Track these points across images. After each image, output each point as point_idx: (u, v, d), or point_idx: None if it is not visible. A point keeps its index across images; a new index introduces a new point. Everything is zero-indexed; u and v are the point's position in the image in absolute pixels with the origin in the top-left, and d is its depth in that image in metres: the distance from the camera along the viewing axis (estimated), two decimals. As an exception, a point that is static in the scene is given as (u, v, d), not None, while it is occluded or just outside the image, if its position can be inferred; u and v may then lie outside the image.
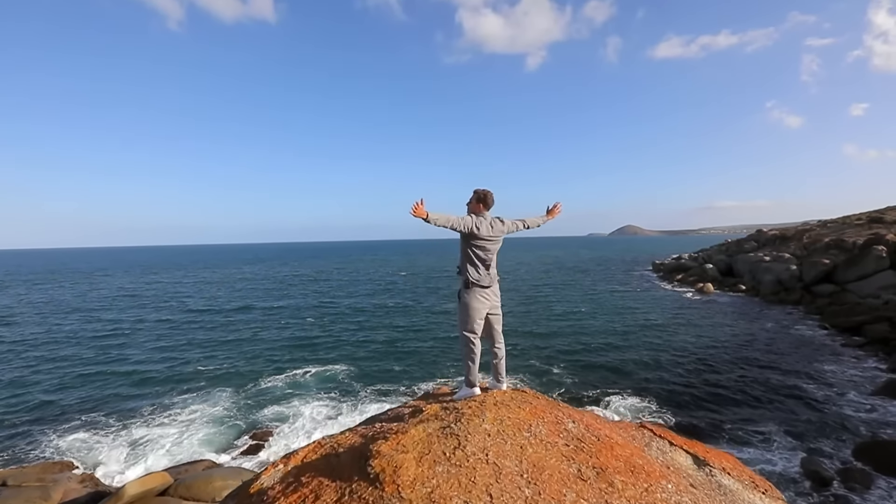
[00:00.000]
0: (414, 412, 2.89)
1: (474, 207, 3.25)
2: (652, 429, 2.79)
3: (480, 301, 3.22)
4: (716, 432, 8.89)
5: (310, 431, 8.94)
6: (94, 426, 9.38)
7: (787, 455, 8.01)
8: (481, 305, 3.23)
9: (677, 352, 14.43)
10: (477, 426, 2.35)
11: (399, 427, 2.45)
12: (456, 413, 2.57)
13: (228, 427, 9.29)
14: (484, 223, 3.13)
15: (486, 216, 3.21)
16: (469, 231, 3.07)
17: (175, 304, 27.28)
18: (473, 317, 3.22)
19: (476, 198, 3.26)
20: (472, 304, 3.21)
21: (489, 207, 3.26)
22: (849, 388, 10.82)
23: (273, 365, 13.80)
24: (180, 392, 11.44)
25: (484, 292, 3.24)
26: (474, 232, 3.07)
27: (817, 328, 16.97)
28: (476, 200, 3.26)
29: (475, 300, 3.21)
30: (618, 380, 11.89)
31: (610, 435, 2.45)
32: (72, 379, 12.71)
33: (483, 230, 3.11)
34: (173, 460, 7.79)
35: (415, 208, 2.78)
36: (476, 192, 3.27)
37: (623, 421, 3.09)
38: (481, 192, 3.24)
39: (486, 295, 3.25)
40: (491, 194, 3.26)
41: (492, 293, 3.29)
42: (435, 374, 12.30)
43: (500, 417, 2.50)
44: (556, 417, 2.58)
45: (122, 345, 16.66)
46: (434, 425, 2.39)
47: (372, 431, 2.53)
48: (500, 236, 3.27)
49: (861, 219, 30.62)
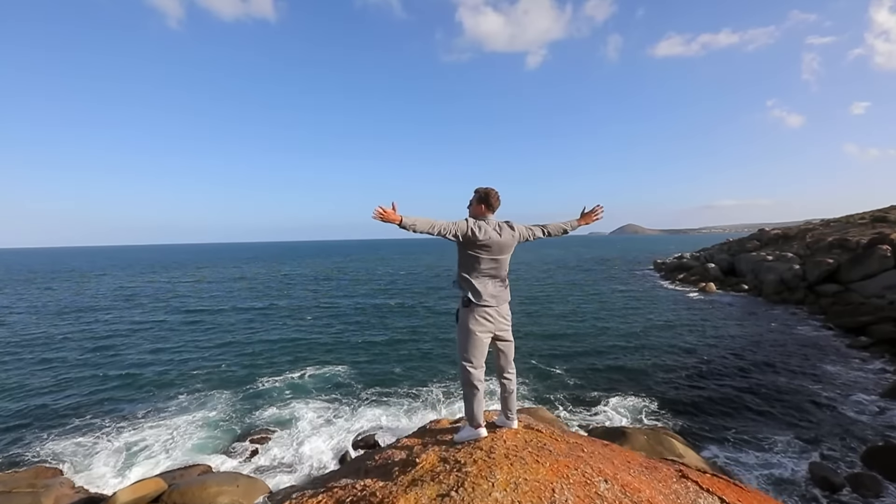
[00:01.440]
0: (406, 462, 2.52)
1: (475, 210, 2.78)
2: (697, 480, 2.37)
3: (482, 324, 2.68)
4: (721, 435, 8.73)
5: (308, 436, 8.79)
6: (87, 430, 9.21)
7: (794, 459, 7.85)
8: (483, 329, 2.69)
9: (681, 352, 14.27)
10: (485, 494, 1.91)
11: (384, 493, 2.06)
12: (458, 473, 2.15)
13: (224, 430, 9.13)
14: (485, 227, 2.65)
15: (489, 220, 2.73)
16: (463, 236, 2.59)
17: (172, 304, 27.12)
18: (474, 343, 2.68)
19: (477, 198, 2.78)
20: (471, 327, 2.68)
21: (494, 209, 2.78)
22: (856, 389, 10.67)
23: (271, 366, 13.64)
24: (176, 394, 11.27)
25: (487, 313, 2.69)
26: (470, 237, 2.59)
27: (822, 328, 16.81)
28: (477, 201, 2.78)
29: (476, 322, 2.67)
30: (621, 381, 11.74)
31: (653, 499, 2.01)
32: (65, 381, 12.54)
33: (483, 235, 2.62)
34: (167, 465, 7.63)
35: (381, 213, 2.29)
36: (477, 191, 2.78)
37: (656, 463, 2.68)
38: (483, 191, 2.75)
39: (490, 316, 2.70)
40: (495, 193, 2.76)
41: (498, 314, 2.74)
42: (435, 377, 12.14)
43: (514, 480, 2.04)
44: (583, 475, 2.14)
45: (118, 346, 16.50)
46: (429, 492, 2.00)
47: (350, 496, 2.15)
48: (510, 244, 2.76)
49: (864, 218, 30.41)
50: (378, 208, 2.29)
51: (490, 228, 2.68)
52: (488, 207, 2.77)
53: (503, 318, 2.79)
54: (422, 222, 2.42)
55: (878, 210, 31.68)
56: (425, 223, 2.44)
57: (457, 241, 2.65)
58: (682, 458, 6.81)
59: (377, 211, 2.28)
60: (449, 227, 2.56)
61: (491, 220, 2.75)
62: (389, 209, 2.32)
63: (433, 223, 2.47)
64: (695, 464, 6.79)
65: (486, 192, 2.78)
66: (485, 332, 2.71)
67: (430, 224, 2.46)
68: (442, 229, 2.52)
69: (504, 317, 2.80)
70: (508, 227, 2.79)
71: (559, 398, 10.65)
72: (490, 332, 2.73)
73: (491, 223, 2.71)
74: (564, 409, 10.03)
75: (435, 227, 2.49)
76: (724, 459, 7.93)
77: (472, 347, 2.69)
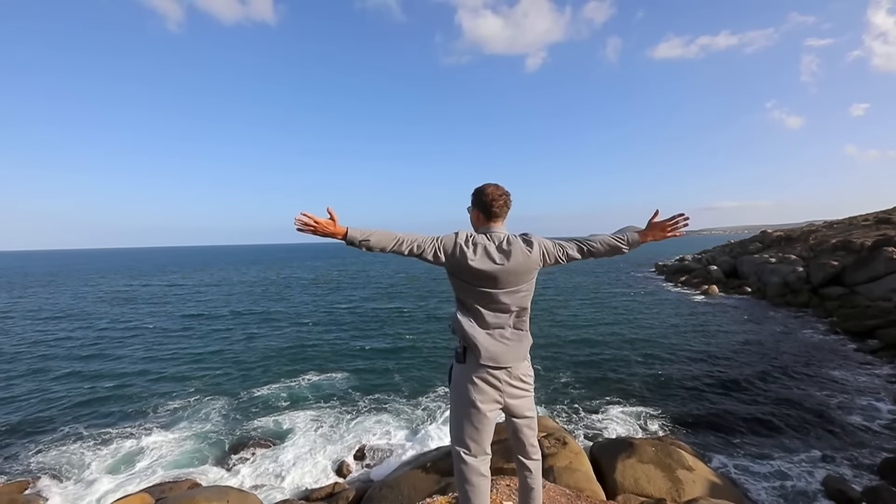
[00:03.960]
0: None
1: (473, 219, 2.02)
2: None
3: (484, 391, 1.85)
4: (730, 443, 8.47)
5: (303, 447, 8.51)
6: (73, 440, 8.92)
7: (807, 469, 7.58)
8: (487, 399, 1.85)
9: (686, 357, 14.00)
10: None
11: None
12: None
13: (216, 441, 8.84)
14: (483, 246, 1.83)
15: (492, 233, 1.90)
16: (448, 258, 1.81)
17: (168, 308, 26.86)
18: (472, 420, 1.86)
19: (473, 201, 1.98)
20: (469, 395, 1.85)
21: (496, 217, 1.93)
22: (866, 395, 10.40)
23: (267, 373, 13.37)
24: (167, 403, 10.99)
25: (493, 376, 1.85)
26: (457, 260, 1.80)
27: (828, 332, 16.53)
28: (473, 206, 1.98)
29: (476, 390, 1.85)
30: (626, 387, 11.47)
31: None
32: (52, 388, 12.25)
33: (478, 257, 1.80)
34: (155, 478, 7.34)
35: (309, 222, 1.69)
36: (475, 193, 1.97)
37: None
38: (481, 191, 1.94)
39: (498, 380, 1.86)
40: (498, 193, 1.92)
41: (510, 378, 1.88)
42: (435, 384, 11.87)
43: None
44: None
45: (110, 352, 16.21)
46: None
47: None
48: (524, 270, 1.85)
49: (868, 219, 30.17)
50: (302, 216, 1.68)
51: (491, 247, 1.84)
52: (488, 215, 1.93)
53: (520, 383, 1.92)
54: (379, 236, 1.73)
55: (881, 211, 31.46)
56: (385, 237, 1.74)
57: (444, 266, 1.85)
58: (693, 470, 6.55)
59: (300, 220, 1.68)
60: (425, 244, 1.79)
61: (495, 233, 1.91)
62: (322, 218, 1.70)
63: (399, 237, 1.76)
64: (706, 476, 6.55)
65: (482, 193, 1.93)
66: (489, 405, 1.86)
67: (394, 239, 1.75)
68: (414, 246, 1.77)
69: (521, 380, 1.92)
70: (523, 243, 1.88)
71: (563, 406, 10.37)
72: (497, 403, 1.88)
73: (494, 238, 1.88)
74: (569, 418, 9.76)
75: (403, 242, 1.76)
76: (734, 470, 7.67)
77: (468, 426, 1.87)
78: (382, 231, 1.77)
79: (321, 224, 1.69)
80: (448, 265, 1.85)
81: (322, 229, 1.70)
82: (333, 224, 1.71)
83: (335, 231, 1.71)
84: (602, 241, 2.03)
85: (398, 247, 1.76)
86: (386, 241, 1.75)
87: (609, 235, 2.07)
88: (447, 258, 1.82)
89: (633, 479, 6.27)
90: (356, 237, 1.71)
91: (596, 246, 2.02)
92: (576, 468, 6.07)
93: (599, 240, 2.04)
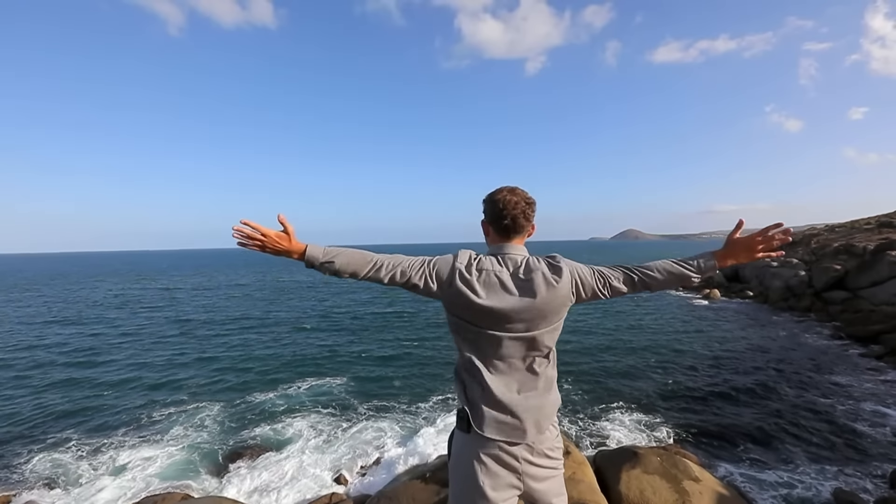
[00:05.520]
0: None
1: (485, 233, 1.59)
2: None
3: (495, 474, 1.37)
4: (734, 451, 8.30)
5: (301, 456, 8.32)
6: (61, 449, 8.70)
7: (814, 479, 7.41)
8: (498, 485, 1.37)
9: (688, 362, 13.84)
10: None
11: None
12: None
13: (210, 450, 8.65)
14: (490, 273, 1.39)
15: (507, 254, 1.46)
16: (440, 288, 1.40)
17: (165, 312, 26.70)
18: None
19: (484, 211, 1.55)
20: (474, 478, 1.37)
21: (513, 233, 1.48)
22: (872, 402, 10.25)
23: (264, 378, 13.19)
24: (160, 410, 10.78)
25: (507, 454, 1.37)
26: (456, 291, 1.36)
27: (832, 337, 16.39)
28: (484, 215, 1.56)
29: (483, 470, 1.37)
30: (628, 393, 11.30)
31: None
32: (42, 396, 12.02)
33: (483, 288, 1.36)
34: (146, 490, 7.14)
35: (259, 237, 1.32)
36: (486, 200, 1.54)
37: None
38: (492, 198, 1.50)
39: (513, 458, 1.37)
40: (514, 201, 1.46)
41: (529, 456, 1.39)
42: (435, 391, 11.67)
43: None
44: None
45: (103, 358, 16.00)
46: None
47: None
48: (547, 307, 1.39)
49: (870, 223, 30.06)
50: (242, 226, 1.30)
51: (504, 274, 1.39)
52: (501, 230, 1.49)
53: (545, 460, 1.43)
54: (349, 258, 1.35)
55: (883, 215, 31.36)
56: (357, 260, 1.35)
57: (438, 299, 1.42)
58: (699, 481, 6.37)
59: (241, 231, 1.31)
60: (412, 270, 1.39)
61: (510, 255, 1.46)
62: (273, 230, 1.32)
63: (376, 260, 1.37)
64: (712, 487, 6.37)
65: (493, 200, 1.49)
66: (504, 491, 1.38)
67: (370, 262, 1.36)
68: (397, 272, 1.37)
69: (547, 456, 1.43)
70: (548, 269, 1.41)
71: (565, 413, 10.18)
72: (514, 489, 1.40)
73: (509, 262, 1.43)
74: (571, 425, 9.58)
75: (382, 267, 1.36)
76: (740, 479, 7.50)
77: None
78: (353, 252, 1.36)
79: (270, 238, 1.31)
80: (444, 298, 1.39)
81: (272, 245, 1.32)
82: (288, 239, 1.33)
83: (290, 248, 1.33)
84: (661, 268, 1.49)
85: (374, 272, 1.35)
86: (358, 264, 1.35)
87: (671, 261, 1.54)
88: (442, 288, 1.37)
89: (638, 491, 6.09)
90: (317, 257, 1.32)
91: (653, 275, 1.48)
92: (579, 479, 5.88)
93: (658, 267, 1.50)
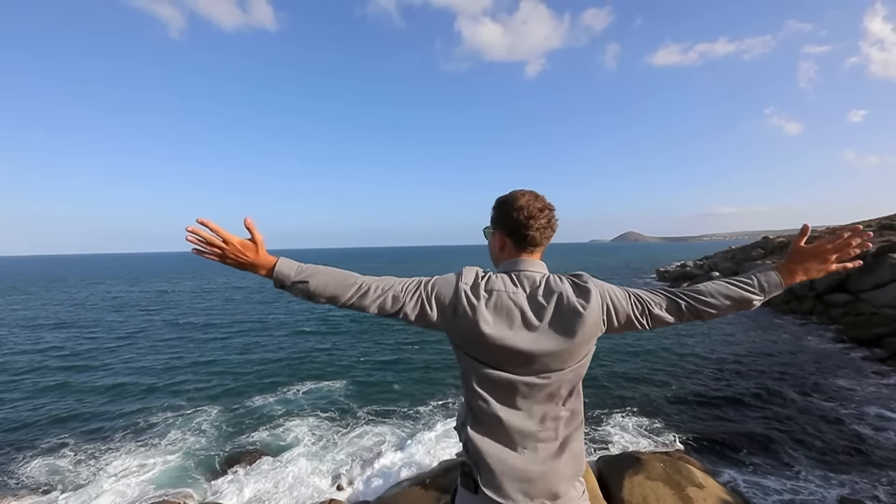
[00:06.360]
0: None
1: (495, 247, 1.31)
2: None
3: None
4: (737, 456, 8.20)
5: (300, 461, 8.23)
6: (55, 455, 8.59)
7: (819, 485, 7.33)
8: None
9: (690, 365, 13.76)
10: None
11: None
12: None
13: (207, 456, 8.55)
14: (502, 296, 1.13)
15: (521, 272, 1.21)
16: (442, 318, 1.15)
17: (164, 315, 26.62)
18: None
19: (496, 219, 1.29)
20: None
21: (535, 246, 1.26)
22: (877, 406, 10.16)
23: (263, 382, 13.10)
24: (157, 415, 10.68)
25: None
26: (457, 322, 1.12)
27: (833, 340, 16.32)
28: (496, 225, 1.29)
29: None
30: (629, 396, 11.22)
31: None
32: (37, 400, 11.91)
33: (494, 316, 1.10)
34: (141, 498, 7.05)
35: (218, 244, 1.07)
36: (500, 205, 1.27)
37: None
38: (510, 203, 1.23)
39: None
40: (538, 207, 1.22)
41: None
42: (435, 395, 11.59)
43: None
44: None
45: (100, 362, 15.90)
46: None
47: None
48: (575, 341, 1.13)
49: (871, 225, 30.00)
50: (199, 227, 1.04)
51: (520, 297, 1.15)
52: (521, 242, 1.24)
53: None
54: (326, 278, 1.10)
55: (884, 217, 31.30)
56: (337, 281, 1.11)
57: (438, 329, 1.18)
58: (703, 487, 6.29)
59: (198, 235, 1.06)
60: (405, 294, 1.13)
61: (527, 273, 1.21)
62: (237, 237, 1.08)
63: (360, 283, 1.12)
64: (716, 494, 6.28)
65: (512, 205, 1.22)
66: None
67: (352, 285, 1.11)
68: (387, 298, 1.12)
69: None
70: (573, 292, 1.18)
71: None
72: None
73: (525, 282, 1.18)
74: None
75: (368, 291, 1.12)
76: (743, 485, 7.41)
77: None
78: (333, 271, 1.11)
79: (232, 247, 1.06)
80: (447, 328, 1.14)
81: (234, 255, 1.07)
82: (255, 249, 1.08)
83: (255, 261, 1.09)
84: (715, 291, 1.23)
85: (358, 298, 1.10)
86: (338, 286, 1.09)
87: (725, 282, 1.27)
88: (444, 316, 1.12)
89: (641, 497, 6.02)
90: (288, 275, 1.08)
91: (705, 300, 1.22)
92: (581, 486, 5.83)
93: (710, 290, 1.24)
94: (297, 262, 1.12)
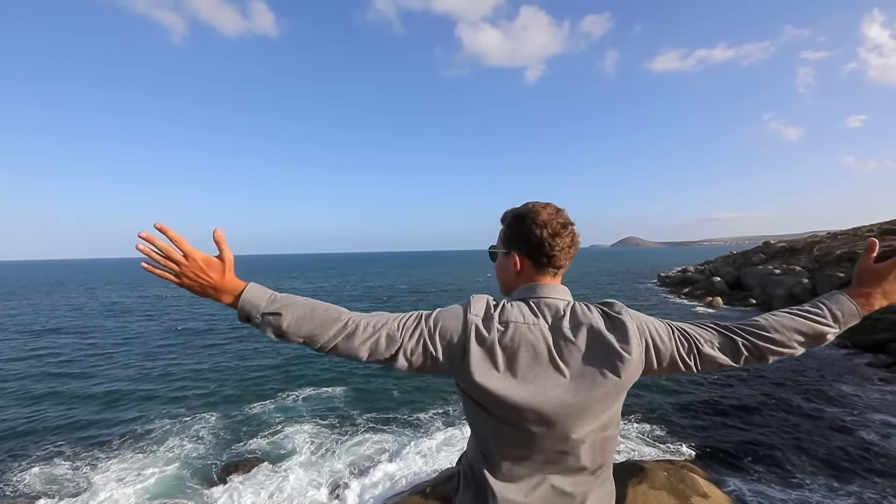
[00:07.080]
0: None
1: (505, 268, 1.09)
2: None
3: None
4: (741, 464, 8.09)
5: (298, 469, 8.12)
6: (51, 464, 8.48)
7: (825, 494, 7.21)
8: None
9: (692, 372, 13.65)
10: None
11: None
12: None
13: (205, 464, 8.45)
14: (519, 331, 0.90)
15: (542, 300, 1.00)
16: (446, 359, 0.91)
17: (162, 320, 26.55)
18: None
19: (509, 237, 1.07)
20: None
21: (557, 267, 1.07)
22: (882, 413, 10.04)
23: (262, 388, 13.01)
24: (154, 422, 10.57)
25: None
26: (465, 367, 0.89)
27: (837, 346, 16.16)
28: (509, 242, 1.08)
29: None
30: (631, 403, 11.09)
31: None
32: (34, 407, 11.80)
33: (500, 359, 0.88)
34: (138, 506, 6.98)
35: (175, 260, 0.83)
36: (514, 220, 1.06)
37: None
38: (528, 217, 1.03)
39: None
40: (560, 223, 1.04)
41: None
42: (435, 403, 11.48)
43: None
44: None
45: (98, 368, 15.79)
46: None
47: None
48: (609, 389, 0.92)
49: (872, 230, 29.97)
50: (155, 234, 0.82)
51: (541, 328, 0.94)
52: (541, 262, 1.05)
53: None
54: (304, 311, 0.88)
55: (886, 222, 31.26)
56: (318, 316, 0.88)
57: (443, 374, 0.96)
58: (708, 497, 6.18)
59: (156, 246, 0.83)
60: (402, 334, 0.92)
61: (549, 300, 1.01)
62: (200, 252, 0.85)
63: (347, 320, 0.90)
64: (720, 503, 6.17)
65: (532, 219, 1.03)
66: None
67: (335, 321, 0.89)
68: (381, 338, 0.90)
69: None
70: (604, 323, 0.99)
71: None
72: None
73: (546, 312, 0.98)
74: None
75: (356, 330, 0.89)
76: (748, 494, 7.29)
77: None
78: (314, 304, 0.90)
79: (193, 263, 0.84)
80: (453, 373, 0.93)
81: (195, 274, 0.84)
82: (221, 270, 0.86)
83: (219, 284, 0.86)
84: (780, 325, 1.03)
85: (344, 337, 0.88)
86: (319, 322, 0.87)
87: (788, 313, 1.06)
88: (451, 358, 0.91)
89: (645, 508, 5.92)
90: (258, 305, 0.85)
91: (769, 336, 1.02)
92: (584, 496, 5.73)
93: (774, 324, 1.03)
94: (270, 290, 0.89)
